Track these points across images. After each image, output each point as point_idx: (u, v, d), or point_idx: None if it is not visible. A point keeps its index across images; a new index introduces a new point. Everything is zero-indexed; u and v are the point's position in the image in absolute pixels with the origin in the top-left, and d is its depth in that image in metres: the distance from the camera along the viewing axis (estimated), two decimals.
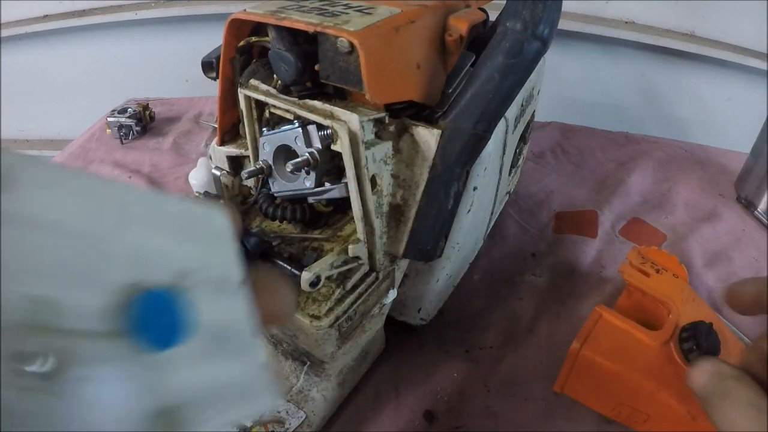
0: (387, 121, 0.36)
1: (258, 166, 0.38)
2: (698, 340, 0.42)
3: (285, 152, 0.37)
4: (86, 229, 0.14)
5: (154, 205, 0.16)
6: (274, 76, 0.38)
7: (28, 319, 0.13)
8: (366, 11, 0.36)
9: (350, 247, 0.36)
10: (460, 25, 0.39)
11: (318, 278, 0.34)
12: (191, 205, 0.17)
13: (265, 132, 0.38)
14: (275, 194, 0.39)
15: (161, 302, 0.15)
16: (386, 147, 0.36)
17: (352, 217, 0.36)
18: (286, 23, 0.34)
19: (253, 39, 0.40)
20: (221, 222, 0.18)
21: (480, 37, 0.40)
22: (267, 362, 0.18)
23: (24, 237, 0.13)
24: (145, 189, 0.16)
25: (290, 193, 0.38)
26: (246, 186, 0.46)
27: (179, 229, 0.16)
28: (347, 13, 0.35)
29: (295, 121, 0.35)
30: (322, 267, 0.35)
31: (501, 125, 0.43)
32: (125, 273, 0.15)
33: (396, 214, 0.38)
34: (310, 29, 0.33)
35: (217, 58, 0.42)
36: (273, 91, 0.37)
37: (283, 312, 0.20)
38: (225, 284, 0.17)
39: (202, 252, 0.17)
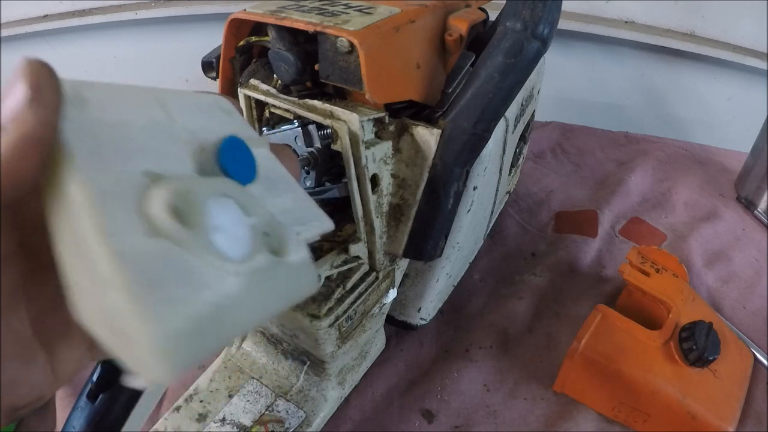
0: (387, 120, 0.36)
1: None
2: (698, 340, 0.42)
3: None
4: (150, 122, 0.18)
5: (183, 100, 0.20)
6: (274, 75, 0.38)
7: (146, 187, 0.16)
8: (366, 11, 0.36)
9: (350, 246, 0.36)
10: (460, 25, 0.39)
11: (318, 278, 0.34)
12: (201, 96, 0.21)
13: (265, 131, 0.38)
14: None
15: (236, 145, 0.19)
16: (386, 147, 0.36)
17: (352, 217, 0.36)
18: (286, 23, 0.34)
19: (253, 39, 0.40)
20: (225, 103, 0.21)
21: (480, 37, 0.40)
22: (308, 195, 0.22)
23: (114, 131, 0.16)
24: (170, 90, 0.20)
25: None
26: None
27: (205, 110, 0.20)
28: (347, 13, 0.35)
29: (295, 121, 0.35)
30: (322, 266, 0.35)
31: (501, 125, 0.43)
32: (194, 141, 0.18)
33: (396, 213, 0.38)
34: (310, 29, 0.33)
35: (217, 58, 0.42)
36: (273, 90, 0.37)
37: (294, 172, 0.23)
38: (255, 140, 0.21)
39: (227, 121, 0.21)
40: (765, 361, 0.49)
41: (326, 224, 0.21)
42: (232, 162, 0.18)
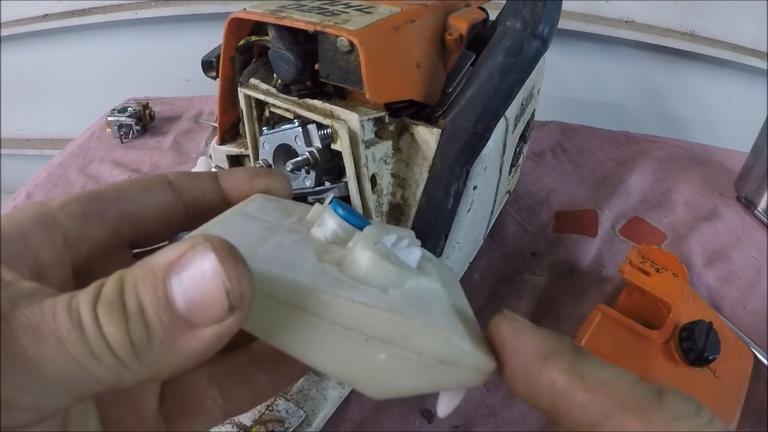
0: (387, 120, 0.36)
1: (258, 165, 0.38)
2: (698, 340, 0.42)
3: (285, 151, 0.37)
4: (277, 229, 0.20)
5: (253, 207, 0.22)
6: (274, 75, 0.38)
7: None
8: (366, 10, 0.36)
9: None
10: (460, 24, 0.39)
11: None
12: (251, 203, 0.22)
13: (265, 131, 0.38)
14: None
15: (340, 204, 0.20)
16: (386, 146, 0.36)
17: None
18: (286, 22, 0.34)
19: (253, 38, 0.40)
20: (267, 197, 0.23)
21: (480, 37, 0.40)
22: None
23: (270, 251, 0.18)
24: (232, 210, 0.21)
25: None
26: None
27: (271, 208, 0.22)
28: (347, 12, 0.35)
29: (295, 120, 0.35)
30: None
31: (501, 124, 0.42)
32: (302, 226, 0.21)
33: (396, 213, 0.38)
34: (310, 28, 0.33)
35: (217, 57, 0.42)
36: (273, 90, 0.37)
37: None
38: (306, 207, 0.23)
39: (283, 206, 0.23)
40: (765, 361, 0.49)
41: (409, 231, 0.24)
42: (351, 216, 0.20)
